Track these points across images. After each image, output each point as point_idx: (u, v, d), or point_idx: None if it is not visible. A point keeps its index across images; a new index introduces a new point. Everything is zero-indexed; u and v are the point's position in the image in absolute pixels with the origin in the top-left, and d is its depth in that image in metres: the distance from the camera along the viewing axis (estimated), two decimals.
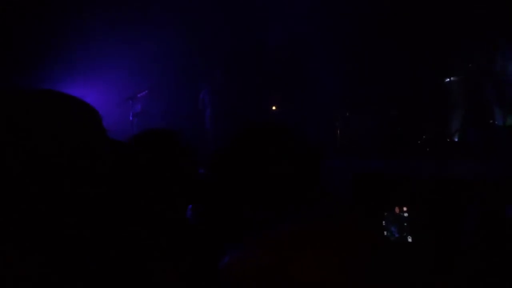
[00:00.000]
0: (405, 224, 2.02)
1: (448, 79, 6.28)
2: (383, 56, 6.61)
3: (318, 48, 6.99)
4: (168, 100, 7.24)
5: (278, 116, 7.53)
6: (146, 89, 6.70)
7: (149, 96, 6.81)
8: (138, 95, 6.67)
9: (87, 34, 6.81)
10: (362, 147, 6.26)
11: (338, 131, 6.57)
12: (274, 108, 7.73)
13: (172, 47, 7.04)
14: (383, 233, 2.01)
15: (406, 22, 6.42)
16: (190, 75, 7.26)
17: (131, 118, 6.62)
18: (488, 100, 5.04)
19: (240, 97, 7.26)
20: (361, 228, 1.29)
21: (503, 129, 4.53)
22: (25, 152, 1.00)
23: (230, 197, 1.83)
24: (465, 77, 6.14)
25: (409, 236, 2.04)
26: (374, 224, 1.40)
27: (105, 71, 6.79)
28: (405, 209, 2.07)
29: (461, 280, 2.00)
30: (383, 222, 2.09)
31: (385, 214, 2.09)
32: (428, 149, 5.99)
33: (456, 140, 6.04)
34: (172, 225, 1.54)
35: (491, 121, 5.44)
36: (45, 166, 1.01)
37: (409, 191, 2.18)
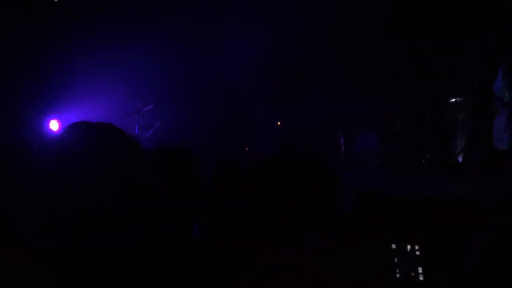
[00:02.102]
0: (417, 262, 1.94)
1: (454, 99, 6.30)
2: (388, 74, 6.64)
3: (324, 62, 7.04)
4: (174, 114, 7.27)
5: (282, 130, 7.56)
6: (152, 103, 6.74)
7: (155, 110, 6.85)
8: (144, 109, 6.71)
9: (94, 48, 6.87)
10: (367, 163, 6.27)
11: (343, 147, 6.59)
12: (279, 123, 7.76)
13: (178, 61, 7.10)
14: (395, 270, 1.96)
15: (413, 40, 6.46)
16: (194, 89, 7.29)
17: (136, 132, 6.66)
18: (491, 120, 5.04)
19: (244, 112, 7.31)
20: (371, 261, 1.29)
21: (508, 150, 4.52)
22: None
23: (235, 212, 1.84)
24: (471, 97, 6.16)
25: (420, 274, 1.97)
26: (384, 259, 1.41)
27: (112, 85, 6.84)
28: (417, 247, 2.02)
29: None
30: (395, 259, 2.01)
31: (395, 250, 1.99)
32: (432, 168, 5.99)
33: (460, 160, 6.04)
34: (176, 238, 1.55)
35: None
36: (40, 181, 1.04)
37: (418, 221, 2.15)
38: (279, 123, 7.70)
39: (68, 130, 1.20)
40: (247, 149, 7.40)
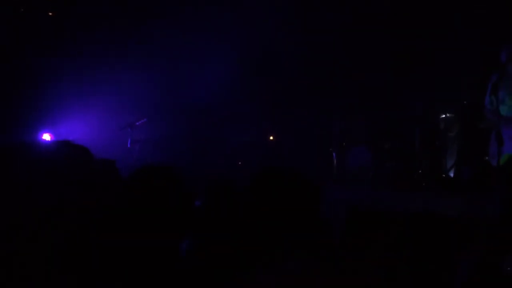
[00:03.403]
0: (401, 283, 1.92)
1: (444, 115, 6.36)
2: (380, 89, 6.71)
3: (316, 77, 7.10)
4: (166, 129, 7.29)
5: (275, 145, 7.58)
6: (145, 117, 6.76)
7: (148, 125, 6.86)
8: (137, 123, 6.72)
9: (89, 62, 6.90)
10: (358, 179, 6.29)
11: (335, 162, 6.61)
12: (271, 138, 7.79)
13: (168, 78, 7.14)
14: None
15: (404, 56, 6.54)
16: (188, 106, 7.32)
17: (129, 146, 6.65)
18: (481, 136, 5.09)
19: (237, 127, 7.34)
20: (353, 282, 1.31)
21: (497, 167, 4.56)
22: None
23: (224, 231, 1.86)
24: (460, 113, 6.22)
25: None
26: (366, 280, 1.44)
27: (106, 99, 6.86)
28: (399, 268, 2.00)
29: None
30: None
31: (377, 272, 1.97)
32: (424, 184, 6.01)
33: (450, 175, 6.08)
34: (166, 256, 1.55)
35: (485, 158, 5.48)
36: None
37: (406, 239, 2.15)
38: (271, 137, 7.74)
39: (55, 146, 1.23)
40: (240, 163, 7.42)
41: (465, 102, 6.22)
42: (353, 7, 6.77)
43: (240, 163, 7.35)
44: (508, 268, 1.91)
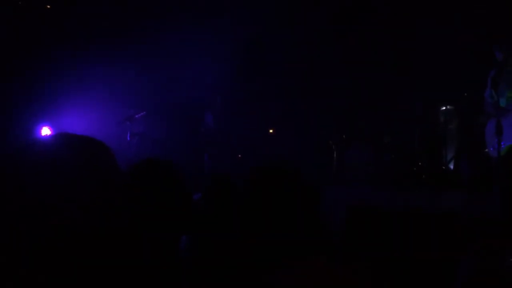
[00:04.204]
0: None
1: (443, 107, 6.36)
2: (378, 85, 6.71)
3: (315, 75, 7.09)
4: (166, 123, 7.29)
5: (274, 141, 7.58)
6: (144, 111, 6.76)
7: (147, 118, 6.86)
8: (136, 116, 6.72)
9: (87, 54, 6.89)
10: (357, 175, 6.29)
11: (334, 158, 6.61)
12: (271, 131, 7.78)
13: (170, 72, 7.14)
14: None
15: (402, 52, 6.53)
16: (189, 99, 7.31)
17: (128, 139, 6.65)
18: (481, 129, 5.10)
19: (238, 122, 7.35)
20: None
21: (497, 160, 4.56)
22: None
23: (224, 228, 1.85)
24: (459, 107, 6.22)
25: None
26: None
27: (104, 92, 6.85)
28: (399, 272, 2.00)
29: None
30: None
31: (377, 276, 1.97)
32: (423, 176, 6.02)
33: (450, 169, 6.08)
34: (164, 254, 1.56)
35: (485, 150, 5.47)
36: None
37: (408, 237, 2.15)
38: (271, 130, 7.74)
39: (57, 140, 1.19)
40: (239, 156, 7.43)
41: (465, 94, 6.22)
42: (354, 7, 6.76)
43: (239, 155, 7.36)
44: (508, 268, 1.91)
